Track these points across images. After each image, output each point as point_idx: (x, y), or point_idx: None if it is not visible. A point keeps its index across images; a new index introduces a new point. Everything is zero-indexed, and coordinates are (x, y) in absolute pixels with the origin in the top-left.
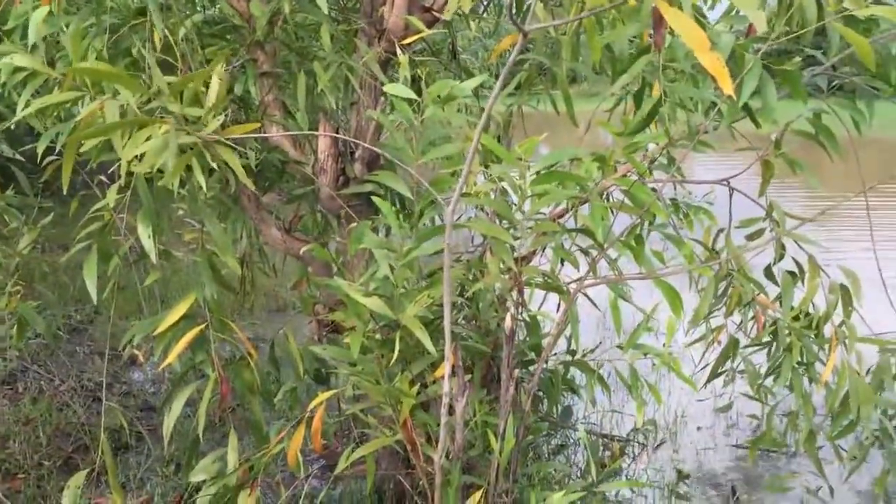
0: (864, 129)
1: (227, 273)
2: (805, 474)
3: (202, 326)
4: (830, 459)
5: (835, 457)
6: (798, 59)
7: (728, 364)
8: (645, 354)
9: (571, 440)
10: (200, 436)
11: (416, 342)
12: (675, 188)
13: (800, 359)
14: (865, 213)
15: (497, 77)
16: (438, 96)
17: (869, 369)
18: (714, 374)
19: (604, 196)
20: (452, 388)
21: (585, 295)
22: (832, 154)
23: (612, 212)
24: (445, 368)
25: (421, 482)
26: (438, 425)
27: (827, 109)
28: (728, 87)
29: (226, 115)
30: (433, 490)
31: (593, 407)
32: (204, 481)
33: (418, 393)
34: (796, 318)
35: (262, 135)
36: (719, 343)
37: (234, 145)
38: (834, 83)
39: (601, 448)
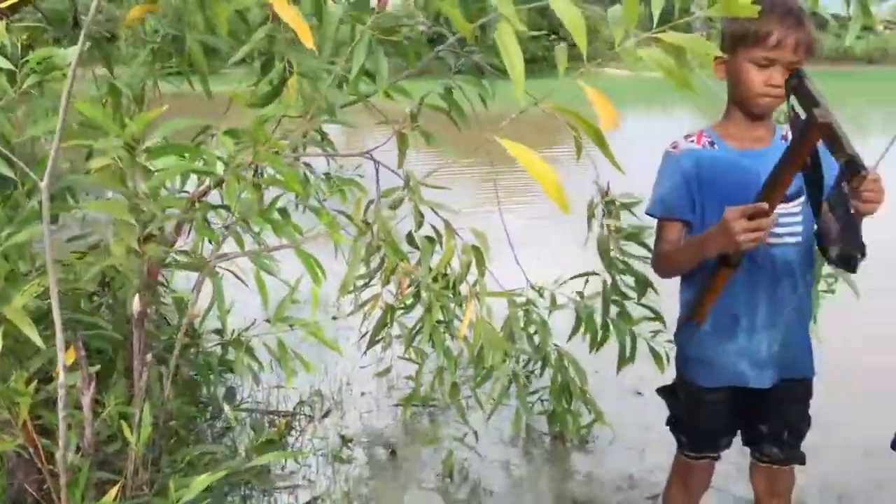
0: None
1: None
2: (456, 424)
3: None
4: (476, 408)
5: (477, 405)
6: (405, 30)
7: (386, 330)
8: (291, 326)
9: (238, 421)
10: None
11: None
12: (328, 162)
13: (441, 317)
14: (511, 179)
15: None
16: (38, 64)
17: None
18: (373, 341)
19: (256, 172)
20: (77, 382)
21: (233, 273)
22: (460, 125)
23: (263, 187)
24: (59, 361)
25: (46, 486)
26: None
27: (453, 85)
28: (308, 41)
29: None
30: (59, 491)
31: (258, 385)
32: None
33: (38, 391)
34: (436, 280)
35: None
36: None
37: None
38: (461, 60)
39: (268, 425)
